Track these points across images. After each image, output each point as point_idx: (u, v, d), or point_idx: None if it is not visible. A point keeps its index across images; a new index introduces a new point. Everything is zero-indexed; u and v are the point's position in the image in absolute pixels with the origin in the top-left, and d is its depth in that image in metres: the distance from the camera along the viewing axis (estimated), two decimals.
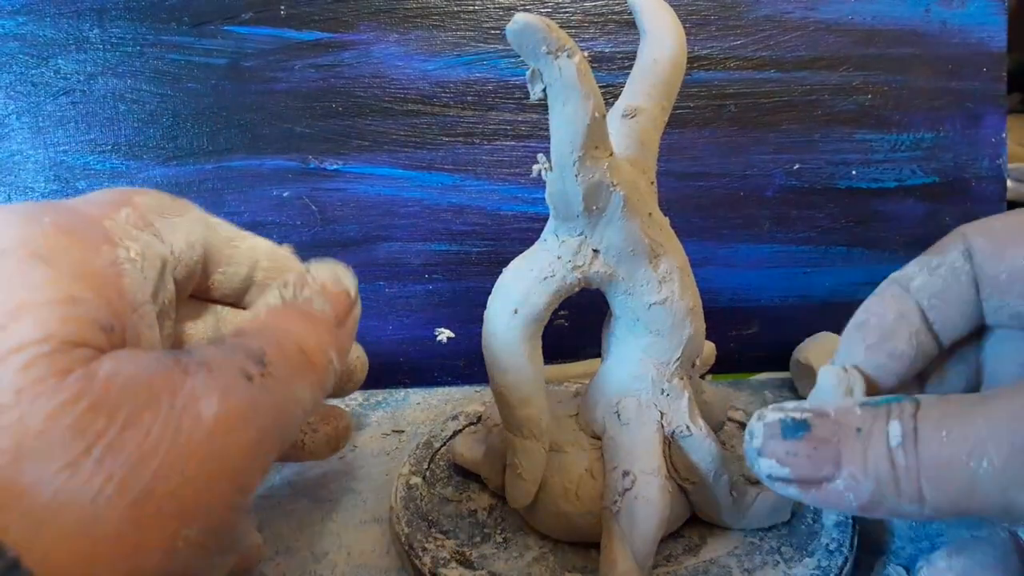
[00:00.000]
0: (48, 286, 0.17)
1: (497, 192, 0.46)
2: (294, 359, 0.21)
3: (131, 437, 0.16)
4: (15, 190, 0.44)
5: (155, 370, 0.17)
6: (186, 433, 0.17)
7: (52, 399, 0.16)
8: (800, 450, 0.20)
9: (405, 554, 0.29)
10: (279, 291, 0.22)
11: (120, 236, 0.20)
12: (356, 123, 0.45)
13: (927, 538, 0.31)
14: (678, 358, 0.28)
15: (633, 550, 0.27)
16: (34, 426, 0.15)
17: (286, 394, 0.20)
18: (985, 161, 0.47)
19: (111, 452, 0.16)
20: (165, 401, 0.17)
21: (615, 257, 0.27)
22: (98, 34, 0.43)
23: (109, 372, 0.17)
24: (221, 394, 0.18)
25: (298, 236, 0.45)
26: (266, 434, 0.19)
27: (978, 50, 0.46)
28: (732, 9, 0.45)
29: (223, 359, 0.19)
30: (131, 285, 0.19)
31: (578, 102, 0.23)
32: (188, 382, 0.18)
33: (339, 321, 0.23)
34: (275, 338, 0.21)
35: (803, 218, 0.47)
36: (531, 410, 0.27)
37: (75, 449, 0.15)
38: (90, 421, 0.16)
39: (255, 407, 0.18)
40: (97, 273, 0.18)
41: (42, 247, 0.18)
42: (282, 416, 0.19)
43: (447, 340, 0.46)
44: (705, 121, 0.46)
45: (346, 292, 0.23)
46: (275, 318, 0.22)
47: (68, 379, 0.16)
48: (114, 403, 0.16)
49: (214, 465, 0.17)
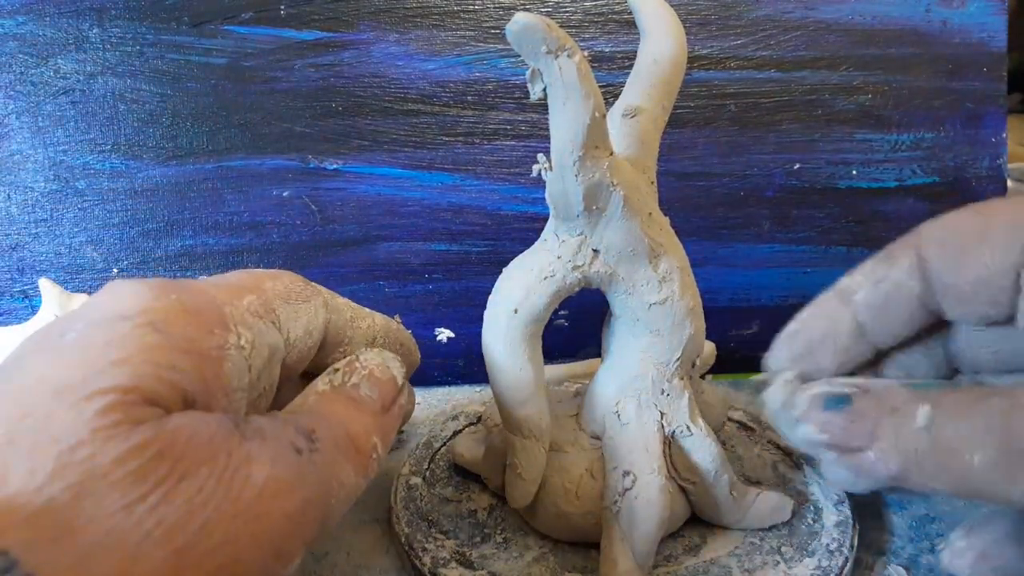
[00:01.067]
0: (155, 349, 0.18)
1: (497, 192, 0.46)
2: (340, 442, 0.21)
3: (186, 488, 0.17)
4: (15, 189, 0.44)
5: (216, 430, 0.18)
6: (236, 492, 0.18)
7: (123, 443, 0.16)
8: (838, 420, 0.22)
9: (405, 554, 0.29)
10: (328, 377, 0.24)
11: (236, 323, 0.21)
12: (356, 123, 0.45)
13: (927, 538, 0.31)
14: (678, 358, 0.28)
15: (633, 550, 0.27)
16: (102, 466, 0.16)
17: (331, 473, 0.21)
18: (985, 161, 0.47)
19: (165, 500, 0.16)
20: (221, 459, 0.18)
21: (615, 257, 0.27)
22: (98, 34, 0.43)
23: (177, 426, 0.18)
24: (272, 461, 0.19)
25: (298, 236, 0.45)
26: (309, 505, 0.19)
27: (978, 50, 0.46)
28: (732, 9, 0.45)
29: (276, 431, 0.20)
30: (231, 371, 0.20)
31: (578, 102, 0.23)
32: (244, 446, 0.18)
33: (384, 408, 0.24)
34: (323, 420, 0.22)
35: (803, 218, 0.47)
36: (531, 410, 0.27)
37: (134, 494, 0.16)
38: (153, 469, 0.17)
39: (301, 478, 0.19)
40: (202, 352, 0.19)
41: (160, 319, 0.19)
42: (326, 493, 0.20)
43: (447, 340, 0.46)
44: (705, 121, 0.46)
45: (393, 379, 0.25)
46: (323, 403, 0.23)
47: (140, 427, 0.17)
48: (177, 455, 0.17)
49: (257, 526, 0.18)
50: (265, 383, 0.23)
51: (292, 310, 0.24)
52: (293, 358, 0.24)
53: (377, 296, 0.46)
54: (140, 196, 0.45)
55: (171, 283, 0.21)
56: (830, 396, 0.22)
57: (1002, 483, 0.19)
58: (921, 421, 0.20)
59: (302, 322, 0.24)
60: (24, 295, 0.45)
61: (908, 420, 0.20)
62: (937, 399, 0.20)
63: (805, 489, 0.32)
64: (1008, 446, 0.19)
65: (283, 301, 0.24)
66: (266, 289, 0.23)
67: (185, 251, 0.45)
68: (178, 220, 0.45)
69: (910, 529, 0.31)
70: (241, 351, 0.21)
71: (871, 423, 0.21)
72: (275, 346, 0.23)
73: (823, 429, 0.22)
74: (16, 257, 0.45)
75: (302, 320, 0.24)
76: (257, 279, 0.24)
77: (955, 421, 0.20)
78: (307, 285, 0.25)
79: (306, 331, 0.25)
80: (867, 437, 0.21)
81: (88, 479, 0.16)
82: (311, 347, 0.25)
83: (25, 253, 0.45)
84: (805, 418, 0.23)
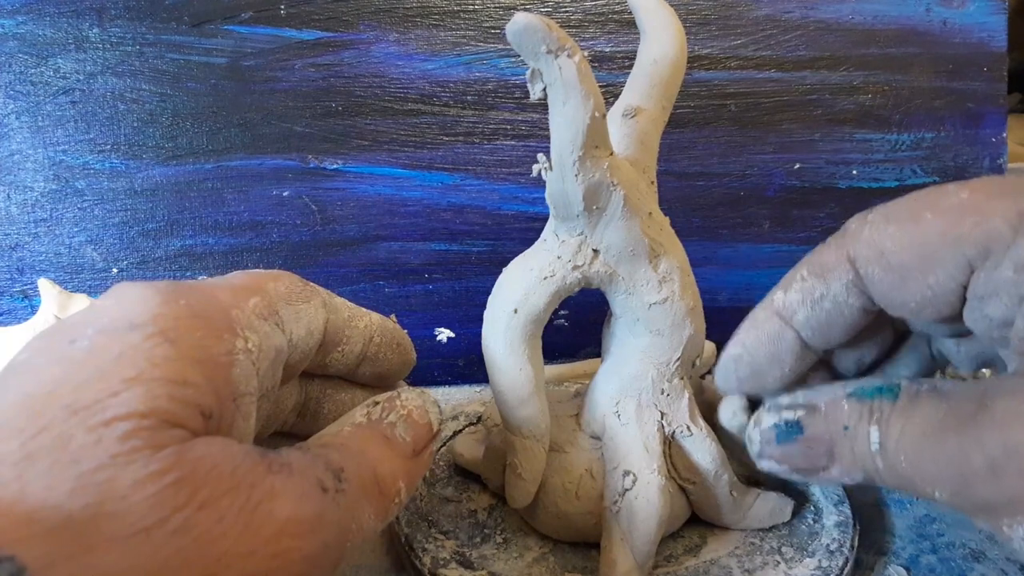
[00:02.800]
0: (166, 364, 0.18)
1: (497, 192, 0.46)
2: (367, 482, 0.21)
3: (206, 517, 0.17)
4: (14, 189, 0.44)
5: (241, 461, 0.18)
6: (256, 527, 0.17)
7: (143, 468, 0.16)
8: (795, 451, 0.23)
9: (405, 554, 0.29)
10: (368, 410, 0.24)
11: (243, 327, 0.21)
12: (356, 123, 0.45)
13: (927, 538, 0.31)
14: (678, 358, 0.28)
15: (633, 550, 0.26)
16: (121, 488, 0.16)
17: (352, 516, 0.20)
18: (985, 161, 0.47)
19: (185, 527, 0.16)
20: (244, 492, 0.18)
21: (615, 257, 0.27)
22: (98, 34, 0.43)
23: (200, 454, 0.17)
24: (296, 499, 0.18)
25: (298, 236, 0.45)
26: (328, 549, 0.19)
27: (978, 50, 0.46)
28: (732, 9, 0.45)
29: (304, 466, 0.20)
30: (239, 375, 0.20)
31: (578, 102, 0.23)
32: (269, 479, 0.18)
33: (416, 452, 0.23)
34: (353, 459, 0.21)
35: (803, 218, 0.47)
36: (531, 410, 0.27)
37: (152, 517, 0.16)
38: (172, 495, 0.16)
39: (323, 520, 0.19)
40: (213, 360, 0.19)
41: (171, 327, 0.19)
42: (344, 536, 0.20)
43: (447, 340, 0.46)
44: (705, 121, 0.46)
45: (429, 425, 0.24)
46: (357, 438, 0.22)
47: (161, 453, 0.17)
48: (198, 483, 0.17)
49: (274, 564, 0.18)
50: (268, 385, 0.23)
51: (294, 311, 0.24)
52: (295, 359, 0.24)
53: (377, 296, 0.46)
54: (140, 196, 0.45)
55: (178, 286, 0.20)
56: (780, 427, 0.23)
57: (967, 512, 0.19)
58: (873, 446, 0.20)
59: (304, 323, 0.24)
60: (24, 295, 0.45)
61: (862, 440, 0.21)
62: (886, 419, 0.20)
63: (805, 489, 0.32)
64: (964, 490, 0.19)
65: (285, 302, 0.24)
66: (268, 290, 0.23)
67: (185, 251, 0.45)
68: (178, 220, 0.45)
69: (910, 529, 0.31)
70: (249, 355, 0.21)
71: (825, 446, 0.22)
72: (280, 348, 0.23)
73: (782, 461, 0.23)
74: (16, 257, 0.45)
75: (303, 321, 0.24)
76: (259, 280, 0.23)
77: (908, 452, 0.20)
78: (306, 285, 0.25)
79: (308, 331, 0.24)
80: (825, 457, 0.22)
81: (107, 500, 0.16)
82: (312, 347, 0.25)
83: (25, 253, 0.45)
84: (763, 455, 0.23)
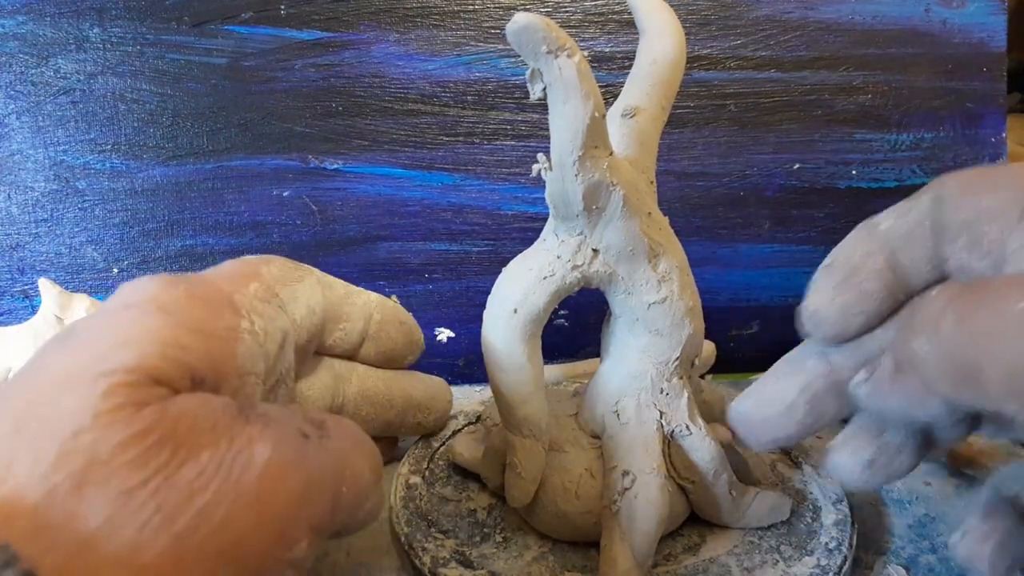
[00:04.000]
0: (161, 330, 0.18)
1: (497, 192, 0.46)
2: (357, 437, 0.21)
3: (186, 473, 0.17)
4: (15, 189, 0.44)
5: (221, 415, 0.18)
6: (236, 474, 0.17)
7: (125, 430, 0.16)
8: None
9: (405, 554, 0.29)
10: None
11: (247, 310, 0.21)
12: (356, 123, 0.45)
13: (927, 538, 0.31)
14: (677, 357, 0.28)
15: (633, 549, 0.27)
16: (104, 453, 0.16)
17: (343, 462, 0.20)
18: (985, 161, 0.47)
19: (166, 485, 0.16)
20: (223, 443, 0.18)
21: (615, 257, 0.27)
22: (98, 34, 0.43)
23: (180, 411, 0.18)
24: (275, 443, 0.19)
25: (298, 236, 0.45)
26: (314, 488, 0.19)
27: (978, 50, 0.46)
28: (732, 9, 0.45)
29: (283, 416, 0.20)
30: (244, 353, 0.20)
31: (578, 102, 0.23)
32: (248, 429, 0.18)
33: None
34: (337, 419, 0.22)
35: (803, 218, 0.47)
36: (531, 410, 0.27)
37: (134, 479, 0.16)
38: (154, 455, 0.17)
39: (305, 460, 0.19)
40: (212, 333, 0.20)
41: (168, 304, 0.19)
42: (335, 479, 0.20)
43: (447, 340, 0.46)
44: (705, 121, 0.46)
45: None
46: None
47: (143, 411, 0.17)
48: (179, 440, 0.17)
49: (258, 508, 0.18)
50: (282, 368, 0.23)
51: (291, 291, 0.24)
52: (303, 338, 0.25)
53: None
54: (140, 196, 0.45)
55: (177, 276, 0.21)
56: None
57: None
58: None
59: (302, 301, 0.25)
60: (24, 295, 0.45)
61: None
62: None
63: (804, 488, 0.32)
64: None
65: (281, 284, 0.24)
66: (264, 274, 0.24)
67: (185, 251, 0.45)
68: (178, 220, 0.45)
69: (910, 529, 0.31)
70: (255, 336, 0.21)
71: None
72: (286, 330, 0.23)
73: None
74: (16, 257, 0.45)
75: (302, 300, 0.25)
76: (253, 266, 0.24)
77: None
78: (297, 266, 0.26)
79: (308, 309, 0.25)
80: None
81: (90, 466, 0.16)
82: (316, 324, 0.25)
83: (25, 253, 0.45)
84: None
